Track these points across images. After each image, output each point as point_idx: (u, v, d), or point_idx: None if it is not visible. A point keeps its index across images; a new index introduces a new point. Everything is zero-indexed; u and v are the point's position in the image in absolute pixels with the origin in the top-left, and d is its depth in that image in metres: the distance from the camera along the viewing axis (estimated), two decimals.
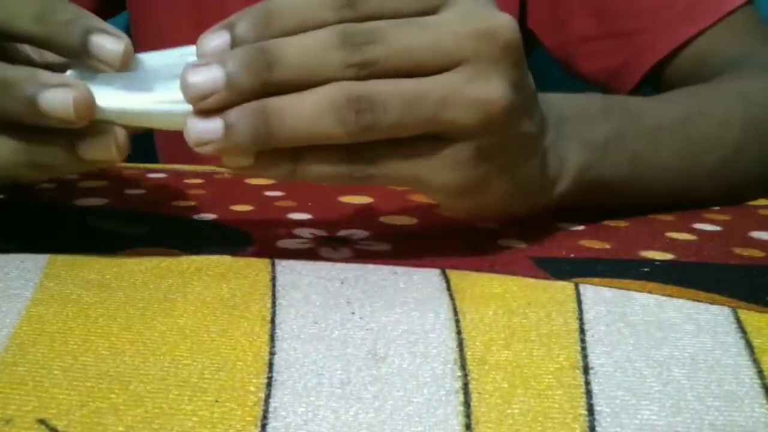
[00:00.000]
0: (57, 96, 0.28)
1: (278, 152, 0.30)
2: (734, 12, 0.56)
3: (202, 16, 0.65)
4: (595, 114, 0.40)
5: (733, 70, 0.52)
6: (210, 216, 0.39)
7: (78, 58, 0.30)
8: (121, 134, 0.30)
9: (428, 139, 0.31)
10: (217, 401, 0.23)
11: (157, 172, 0.49)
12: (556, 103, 0.37)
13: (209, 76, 0.28)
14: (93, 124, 0.29)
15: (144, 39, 0.69)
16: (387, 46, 0.29)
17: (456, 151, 0.31)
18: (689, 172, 0.43)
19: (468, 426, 0.23)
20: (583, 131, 0.38)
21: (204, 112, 0.29)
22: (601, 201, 0.41)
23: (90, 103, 0.29)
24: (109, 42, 0.29)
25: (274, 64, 0.28)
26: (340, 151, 0.30)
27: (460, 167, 0.31)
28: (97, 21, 0.30)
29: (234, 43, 0.29)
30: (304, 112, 0.28)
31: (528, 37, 0.65)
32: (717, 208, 0.45)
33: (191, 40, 0.31)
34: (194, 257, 0.33)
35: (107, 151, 0.30)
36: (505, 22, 0.31)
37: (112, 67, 0.30)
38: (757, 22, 0.58)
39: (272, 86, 0.29)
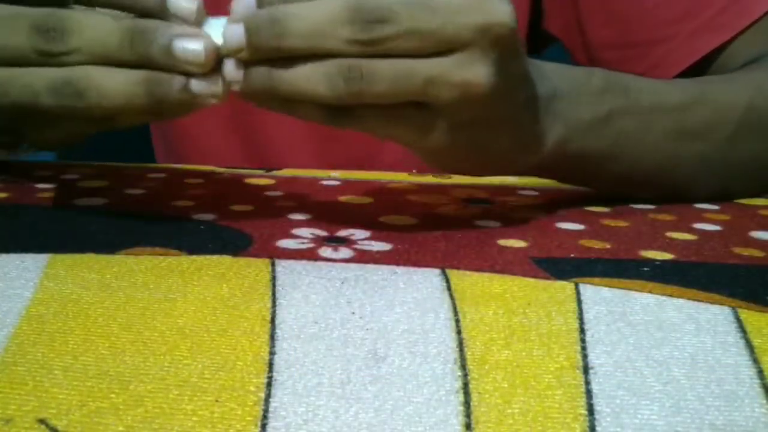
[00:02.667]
0: (190, 45, 0.32)
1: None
2: (760, 19, 0.53)
3: None
4: (592, 92, 0.40)
5: (753, 62, 0.51)
6: (210, 216, 0.39)
7: (159, 16, 0.33)
8: (227, 72, 0.33)
9: (408, 103, 0.33)
10: (217, 401, 0.23)
11: (157, 172, 0.49)
12: (554, 75, 0.39)
13: (236, 36, 0.32)
14: None
15: None
16: (396, 28, 0.31)
17: (433, 118, 0.33)
18: (677, 155, 0.44)
19: (468, 426, 0.23)
20: (573, 109, 0.39)
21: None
22: (582, 175, 0.42)
23: (216, 52, 0.32)
24: (184, 1, 0.32)
25: (283, 35, 0.31)
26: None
27: (435, 133, 0.34)
28: None
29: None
30: (299, 74, 0.32)
31: (540, 35, 0.65)
32: (717, 207, 0.45)
33: None
34: (194, 257, 0.33)
35: (216, 87, 0.33)
36: (503, 17, 0.32)
37: (188, 22, 0.33)
38: None
39: (282, 51, 0.31)
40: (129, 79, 0.32)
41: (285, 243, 0.35)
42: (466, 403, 0.23)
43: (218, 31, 0.33)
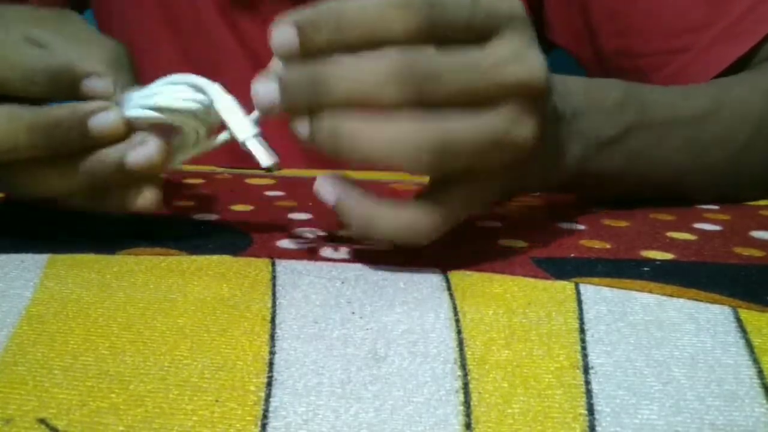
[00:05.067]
0: (101, 119, 0.32)
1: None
2: None
3: (171, 13, 0.64)
4: (610, 108, 0.40)
5: (764, 63, 0.51)
6: (210, 216, 0.39)
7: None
8: (157, 141, 0.33)
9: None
10: (217, 401, 0.23)
11: None
12: (575, 91, 0.39)
13: (269, 95, 0.30)
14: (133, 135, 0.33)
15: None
16: (442, 87, 0.30)
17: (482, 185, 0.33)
18: (690, 168, 0.44)
19: (468, 426, 0.23)
20: (593, 128, 0.39)
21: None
22: (598, 191, 0.43)
23: (122, 120, 0.33)
24: (98, 83, 0.33)
25: (325, 94, 0.29)
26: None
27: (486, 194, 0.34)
28: (84, 65, 0.33)
29: (302, 48, 0.30)
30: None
31: (542, 42, 0.64)
32: (717, 207, 0.45)
33: (161, 34, 0.30)
34: (194, 257, 0.33)
35: (149, 157, 0.33)
36: (540, 72, 0.31)
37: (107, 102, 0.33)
38: None
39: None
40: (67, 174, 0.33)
41: (285, 243, 0.35)
42: (466, 403, 0.23)
43: (138, 103, 0.33)
